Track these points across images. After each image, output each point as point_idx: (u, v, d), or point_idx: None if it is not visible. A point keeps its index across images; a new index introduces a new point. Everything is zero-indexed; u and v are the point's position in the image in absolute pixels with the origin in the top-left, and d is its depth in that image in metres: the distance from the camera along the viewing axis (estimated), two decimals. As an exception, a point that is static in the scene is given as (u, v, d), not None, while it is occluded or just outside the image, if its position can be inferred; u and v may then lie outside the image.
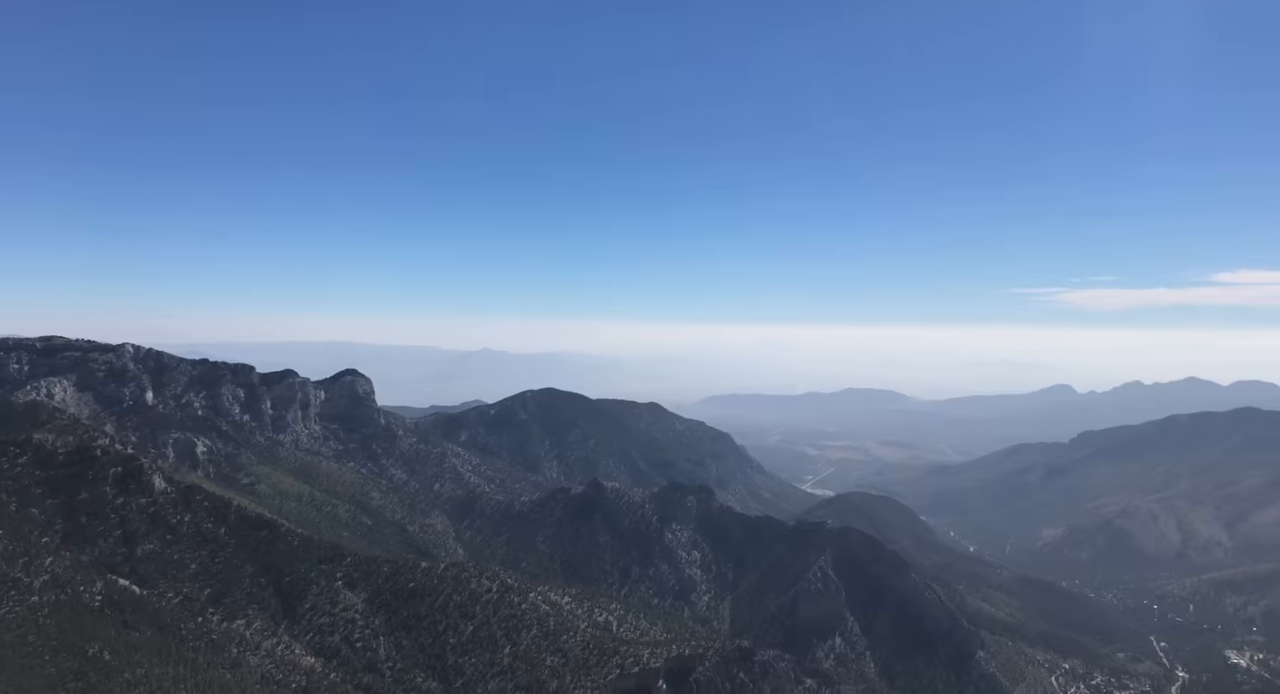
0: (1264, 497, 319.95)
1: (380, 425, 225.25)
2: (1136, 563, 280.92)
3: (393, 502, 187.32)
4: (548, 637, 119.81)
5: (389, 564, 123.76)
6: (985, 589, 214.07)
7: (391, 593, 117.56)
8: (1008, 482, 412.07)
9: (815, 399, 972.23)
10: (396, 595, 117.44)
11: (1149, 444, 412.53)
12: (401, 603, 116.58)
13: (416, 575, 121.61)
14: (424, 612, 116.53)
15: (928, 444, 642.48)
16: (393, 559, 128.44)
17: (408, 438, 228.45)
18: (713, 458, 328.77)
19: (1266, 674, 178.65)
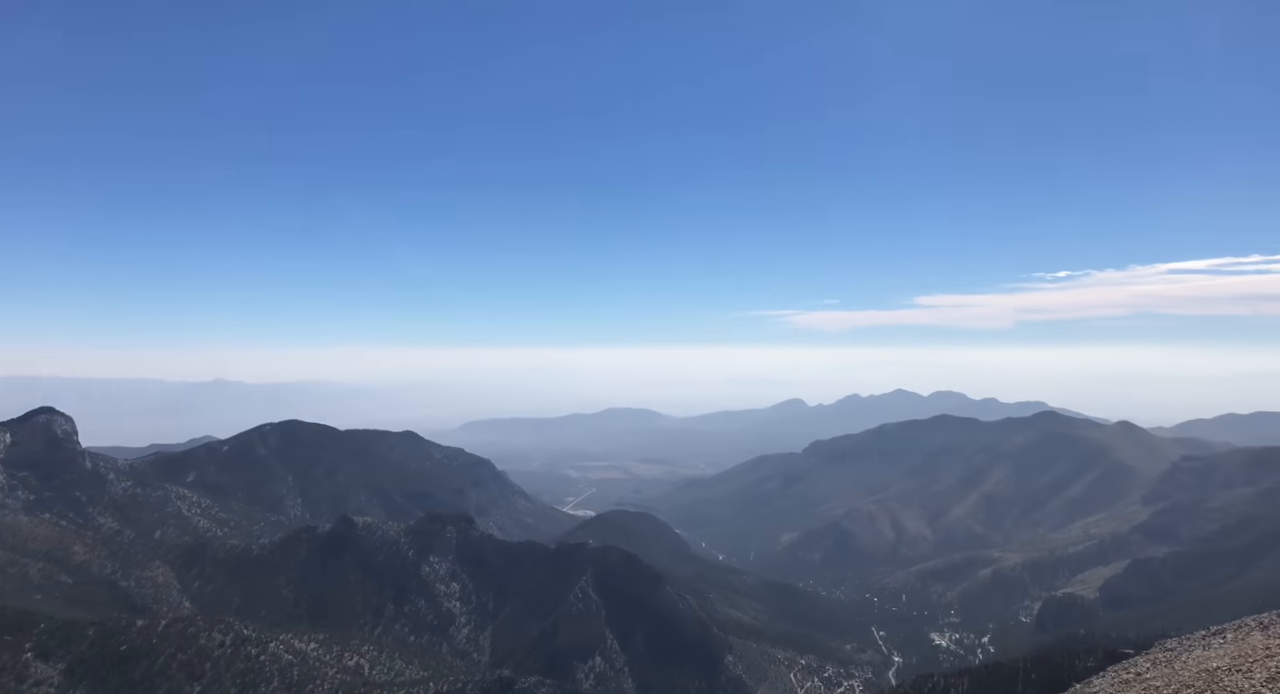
0: (957, 494, 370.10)
1: (85, 469, 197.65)
2: (860, 560, 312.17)
3: (101, 555, 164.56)
4: (290, 688, 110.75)
5: (94, 627, 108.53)
6: (733, 595, 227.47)
7: (98, 659, 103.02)
8: (751, 491, 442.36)
9: (577, 420, 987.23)
10: (104, 661, 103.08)
11: (867, 451, 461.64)
12: (111, 669, 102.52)
13: (130, 636, 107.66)
14: (139, 677, 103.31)
15: (682, 459, 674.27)
16: (100, 621, 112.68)
17: (121, 482, 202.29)
18: (473, 485, 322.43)
19: (961, 651, 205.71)
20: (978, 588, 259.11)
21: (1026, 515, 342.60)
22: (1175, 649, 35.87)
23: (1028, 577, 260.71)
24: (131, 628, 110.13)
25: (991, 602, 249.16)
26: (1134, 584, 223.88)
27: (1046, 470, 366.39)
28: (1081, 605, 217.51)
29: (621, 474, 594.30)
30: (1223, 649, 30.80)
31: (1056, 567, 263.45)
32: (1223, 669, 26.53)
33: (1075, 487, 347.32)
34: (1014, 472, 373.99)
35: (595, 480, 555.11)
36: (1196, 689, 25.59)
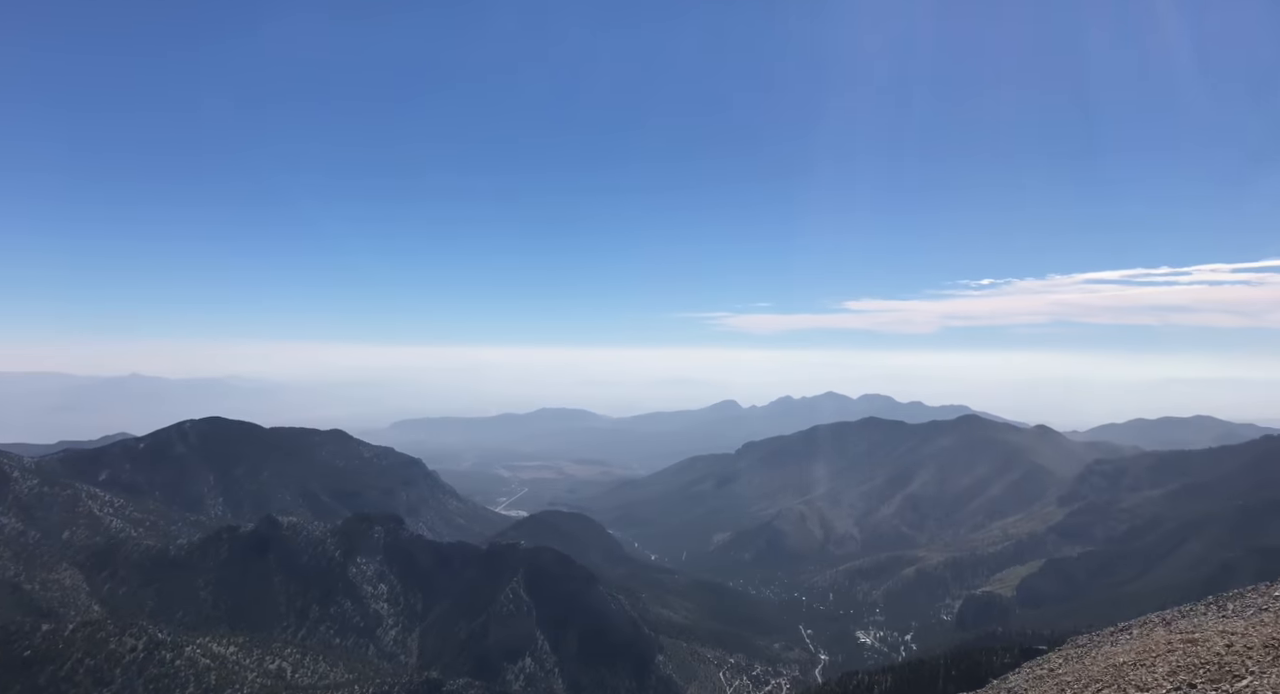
0: (885, 494, 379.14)
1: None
2: (789, 559, 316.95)
3: (3, 557, 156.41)
4: (207, 693, 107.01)
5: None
6: (665, 595, 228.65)
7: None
8: (684, 492, 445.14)
9: (509, 420, 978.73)
10: (6, 668, 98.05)
11: (798, 452, 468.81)
12: (13, 676, 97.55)
13: (34, 641, 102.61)
14: (44, 683, 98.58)
15: (616, 460, 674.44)
16: (1, 626, 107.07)
17: (26, 480, 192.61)
18: (403, 485, 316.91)
19: (885, 648, 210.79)
20: (902, 587, 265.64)
21: (949, 516, 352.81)
22: (1086, 645, 37.36)
23: (949, 575, 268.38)
24: (36, 633, 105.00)
25: (915, 600, 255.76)
26: (1049, 583, 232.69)
27: (968, 472, 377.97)
28: (1000, 603, 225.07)
29: (555, 474, 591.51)
30: (1129, 644, 32.18)
31: (977, 566, 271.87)
32: (1128, 664, 27.72)
33: (995, 488, 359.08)
34: (938, 473, 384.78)
35: (528, 480, 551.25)
36: (1104, 683, 26.69)
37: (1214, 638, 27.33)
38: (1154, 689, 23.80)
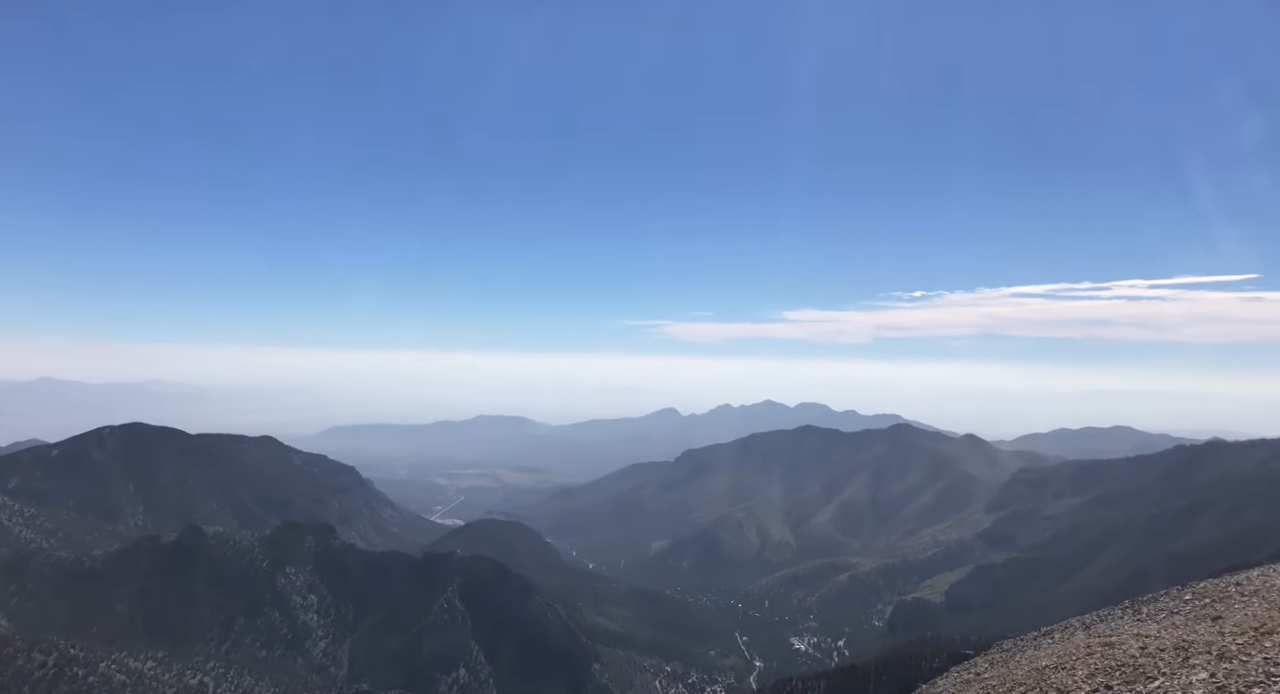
0: (820, 502, 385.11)
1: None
2: (727, 567, 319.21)
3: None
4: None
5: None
6: (602, 604, 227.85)
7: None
8: (624, 500, 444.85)
9: (446, 427, 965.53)
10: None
11: (736, 459, 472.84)
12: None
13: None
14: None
15: (555, 468, 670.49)
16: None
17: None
18: (335, 493, 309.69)
19: (819, 655, 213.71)
20: (836, 593, 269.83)
21: (882, 523, 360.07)
22: (1010, 650, 38.42)
23: (881, 582, 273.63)
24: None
25: (848, 606, 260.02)
26: (976, 588, 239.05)
27: (901, 480, 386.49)
28: (929, 609, 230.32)
29: (492, 482, 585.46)
30: (1051, 649, 33.18)
31: (908, 572, 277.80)
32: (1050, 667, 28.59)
33: (926, 495, 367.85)
34: (871, 481, 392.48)
35: (465, 488, 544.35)
36: (1027, 687, 27.48)
37: (1129, 641, 28.42)
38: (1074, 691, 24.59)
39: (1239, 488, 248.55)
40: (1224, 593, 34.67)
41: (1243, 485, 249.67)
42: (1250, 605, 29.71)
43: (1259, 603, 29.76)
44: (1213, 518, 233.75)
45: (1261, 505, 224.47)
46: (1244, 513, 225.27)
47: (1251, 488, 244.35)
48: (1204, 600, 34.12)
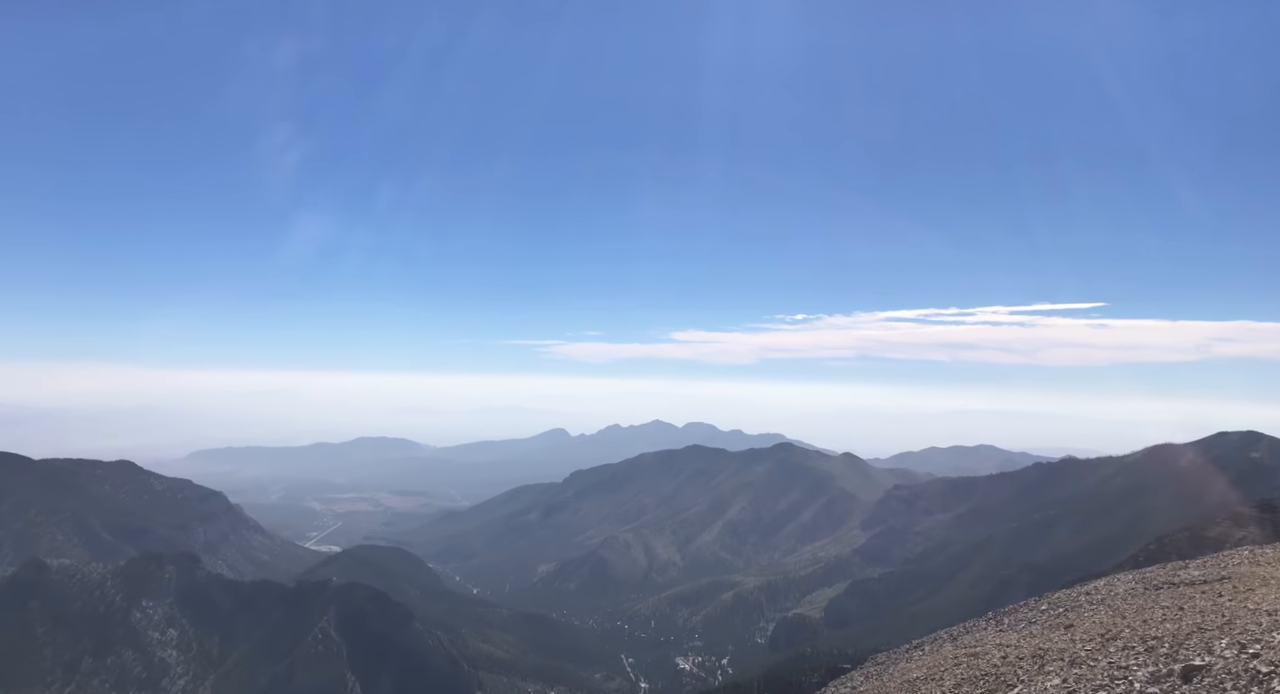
0: (706, 520, 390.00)
1: None
2: (614, 588, 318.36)
3: None
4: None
5: None
6: (486, 629, 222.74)
7: None
8: (509, 522, 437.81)
9: (323, 450, 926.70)
10: None
11: (625, 480, 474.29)
12: None
13: None
14: None
15: (439, 491, 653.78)
16: None
17: None
18: (200, 521, 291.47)
19: (703, 673, 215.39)
20: (720, 611, 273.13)
21: (765, 540, 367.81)
22: (884, 662, 39.78)
23: (764, 599, 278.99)
24: None
25: (732, 624, 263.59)
26: (853, 603, 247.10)
27: (783, 498, 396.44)
28: (809, 625, 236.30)
29: (372, 506, 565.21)
30: (921, 660, 34.54)
31: (789, 588, 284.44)
32: (921, 678, 29.74)
33: (806, 513, 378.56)
34: (755, 500, 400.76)
35: (342, 513, 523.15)
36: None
37: (992, 650, 29.92)
38: (942, 701, 25.70)
39: (1089, 502, 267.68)
40: (1075, 602, 37.05)
41: (1092, 500, 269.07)
42: (1098, 613, 31.84)
43: (1105, 611, 31.94)
44: (1066, 531, 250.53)
45: (1108, 518, 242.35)
46: (1093, 526, 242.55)
47: (1099, 502, 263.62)
48: (1058, 610, 36.35)
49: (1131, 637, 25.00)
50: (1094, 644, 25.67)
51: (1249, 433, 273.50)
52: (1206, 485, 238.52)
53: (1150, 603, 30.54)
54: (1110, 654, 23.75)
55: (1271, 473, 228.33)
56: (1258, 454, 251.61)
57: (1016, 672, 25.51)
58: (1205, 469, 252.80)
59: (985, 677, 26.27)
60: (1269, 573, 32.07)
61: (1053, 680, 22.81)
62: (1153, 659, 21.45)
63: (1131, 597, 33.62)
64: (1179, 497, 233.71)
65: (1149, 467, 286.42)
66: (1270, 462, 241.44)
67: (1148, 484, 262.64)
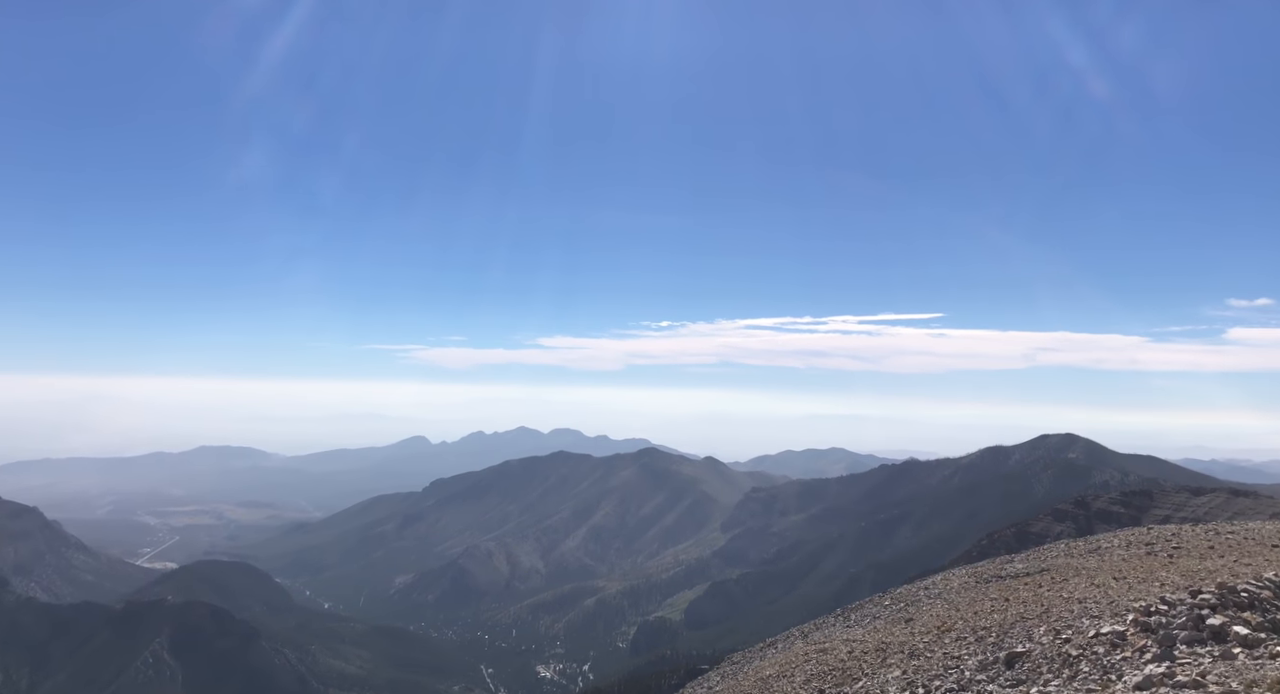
0: (570, 527, 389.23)
1: None
2: (475, 598, 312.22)
3: None
4: None
5: None
6: (338, 645, 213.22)
7: None
8: (365, 533, 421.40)
9: (160, 460, 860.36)
10: None
11: (488, 488, 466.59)
12: None
13: None
14: None
15: (288, 502, 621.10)
16: None
17: None
18: (10, 539, 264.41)
19: (564, 681, 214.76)
20: (582, 617, 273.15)
21: (629, 545, 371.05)
22: (740, 661, 40.83)
23: (627, 603, 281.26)
24: None
25: (594, 630, 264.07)
26: (712, 604, 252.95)
27: (647, 502, 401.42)
28: (670, 627, 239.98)
29: (214, 520, 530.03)
30: (774, 658, 35.66)
31: (651, 592, 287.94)
32: (773, 676, 30.69)
33: (669, 517, 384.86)
34: (619, 505, 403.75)
35: (180, 528, 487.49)
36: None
37: (839, 646, 31.25)
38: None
39: (929, 502, 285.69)
40: (915, 597, 39.30)
41: (931, 500, 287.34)
42: (935, 607, 33.89)
43: (941, 604, 34.02)
44: (909, 529, 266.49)
45: (946, 516, 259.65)
46: (932, 524, 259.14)
47: (938, 501, 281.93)
48: (900, 604, 38.45)
49: (964, 628, 26.72)
50: (931, 636, 27.27)
51: (1067, 435, 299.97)
52: (1031, 484, 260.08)
53: (981, 596, 32.77)
54: (945, 645, 25.29)
55: (1085, 472, 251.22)
56: (1074, 455, 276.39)
57: (861, 665, 26.76)
58: (1030, 469, 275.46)
59: (833, 671, 27.43)
60: (1081, 564, 35.12)
61: (894, 672, 24.05)
62: (982, 648, 22.98)
63: (965, 590, 35.98)
64: (1007, 495, 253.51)
65: (981, 467, 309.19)
66: (1084, 462, 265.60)
67: (980, 484, 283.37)
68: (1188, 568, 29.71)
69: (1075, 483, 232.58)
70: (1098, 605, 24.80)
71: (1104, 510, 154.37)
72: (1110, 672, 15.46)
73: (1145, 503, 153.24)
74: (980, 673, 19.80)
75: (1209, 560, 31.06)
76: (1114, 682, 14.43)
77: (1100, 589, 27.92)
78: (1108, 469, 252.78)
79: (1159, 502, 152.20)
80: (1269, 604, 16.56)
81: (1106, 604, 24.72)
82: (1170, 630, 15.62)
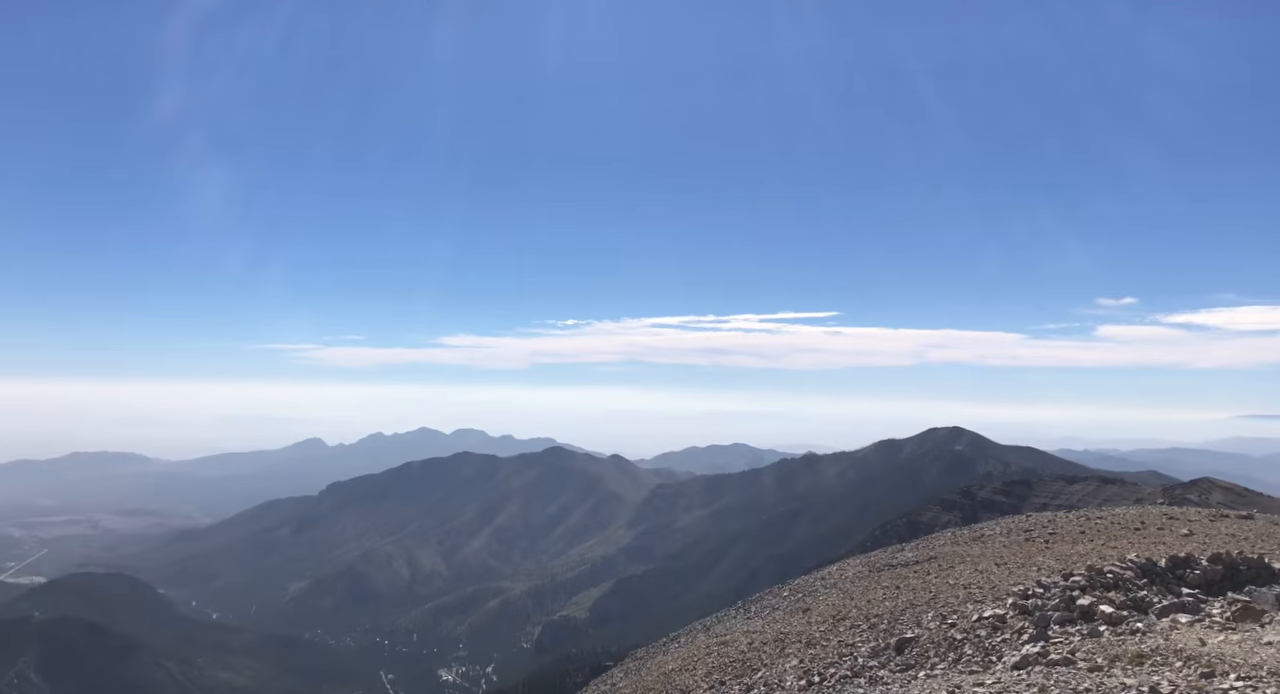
0: (474, 528, 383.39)
1: None
2: (374, 603, 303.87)
3: None
4: None
5: None
6: (227, 656, 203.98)
7: None
8: (257, 540, 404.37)
9: (26, 468, 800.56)
10: None
11: (388, 490, 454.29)
12: None
13: None
14: None
15: (173, 509, 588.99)
16: None
17: None
18: None
19: (467, 684, 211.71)
20: (486, 619, 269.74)
21: (534, 545, 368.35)
22: (643, 657, 41.07)
23: (531, 603, 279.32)
24: None
25: (498, 631, 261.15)
26: (618, 601, 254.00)
27: (552, 501, 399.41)
28: (575, 626, 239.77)
29: (89, 530, 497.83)
30: (677, 652, 36.02)
31: (556, 591, 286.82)
32: (675, 670, 30.98)
33: (575, 515, 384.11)
34: (524, 505, 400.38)
35: (50, 539, 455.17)
36: (656, 691, 29.49)
37: (740, 638, 31.83)
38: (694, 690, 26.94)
39: (826, 495, 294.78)
40: (812, 587, 40.42)
41: (829, 493, 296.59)
42: (830, 596, 34.92)
43: (837, 593, 35.09)
44: (807, 521, 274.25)
45: (842, 509, 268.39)
46: (830, 516, 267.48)
47: (835, 494, 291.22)
48: (797, 595, 39.46)
49: (858, 616, 27.63)
50: (827, 625, 28.07)
51: (954, 429, 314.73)
52: (921, 476, 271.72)
53: (874, 584, 33.95)
54: (840, 633, 26.08)
55: (970, 463, 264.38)
56: (960, 447, 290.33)
57: (761, 656, 27.33)
58: (920, 461, 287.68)
59: (734, 663, 27.90)
60: (965, 551, 36.85)
61: (791, 661, 24.63)
62: (874, 635, 23.80)
63: (859, 579, 37.21)
64: (899, 486, 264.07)
65: (875, 460, 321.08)
66: (970, 453, 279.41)
67: (874, 476, 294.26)
68: (1062, 552, 31.59)
69: (962, 474, 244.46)
70: (980, 590, 26.09)
71: (988, 500, 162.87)
72: (991, 653, 16.25)
73: (1025, 492, 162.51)
74: (873, 659, 20.47)
75: (1080, 545, 33.10)
76: (995, 663, 15.16)
77: (983, 575, 29.38)
78: (991, 460, 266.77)
79: (1037, 490, 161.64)
80: (1131, 584, 17.76)
81: (989, 589, 26.03)
82: (1045, 612, 16.55)
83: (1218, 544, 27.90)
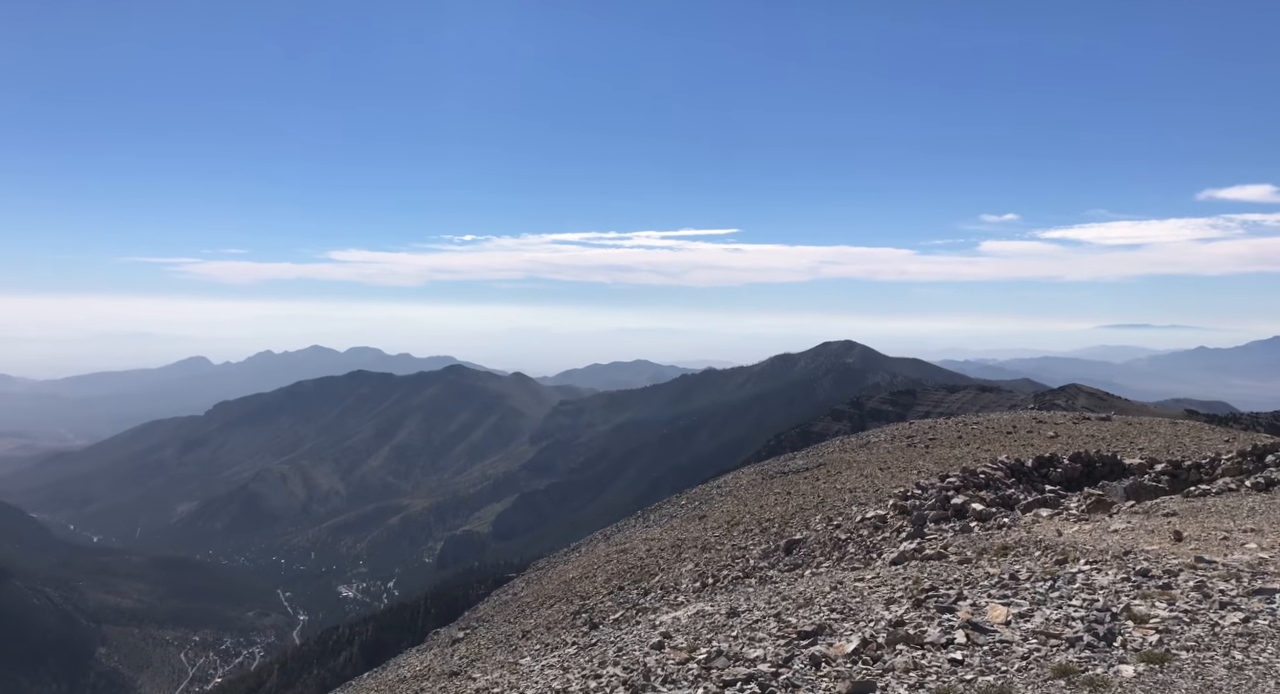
0: (371, 447, 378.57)
1: None
2: (269, 523, 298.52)
3: None
4: None
5: None
6: (111, 580, 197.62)
7: None
8: (139, 461, 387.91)
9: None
10: None
11: (279, 410, 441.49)
12: None
13: None
14: None
15: (42, 430, 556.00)
16: None
17: None
18: None
19: (369, 599, 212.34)
20: (387, 536, 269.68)
21: (435, 463, 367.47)
22: (544, 567, 41.98)
23: (433, 519, 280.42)
24: None
25: (399, 547, 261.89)
26: (520, 515, 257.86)
27: (454, 419, 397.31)
28: (477, 540, 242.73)
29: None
30: (578, 561, 36.93)
31: (459, 507, 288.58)
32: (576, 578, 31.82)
33: (477, 433, 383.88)
34: (424, 423, 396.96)
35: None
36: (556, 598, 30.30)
37: (639, 545, 32.84)
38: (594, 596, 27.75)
39: (724, 408, 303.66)
40: (708, 495, 41.85)
41: (727, 406, 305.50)
42: (726, 504, 36.25)
43: (732, 501, 36.45)
44: (706, 434, 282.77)
45: (740, 421, 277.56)
46: (728, 429, 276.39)
47: (732, 407, 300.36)
48: (695, 504, 40.82)
49: (750, 521, 28.82)
50: (721, 530, 29.20)
51: (846, 342, 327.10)
52: (814, 388, 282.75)
53: (766, 491, 35.38)
54: (734, 537, 27.19)
55: (860, 375, 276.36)
56: (851, 360, 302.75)
57: (658, 561, 28.29)
58: (814, 374, 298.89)
59: (632, 569, 28.82)
60: (852, 458, 38.71)
61: (687, 565, 25.58)
62: (765, 538, 24.91)
63: (752, 487, 38.69)
64: (794, 399, 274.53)
65: (771, 374, 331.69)
66: (860, 366, 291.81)
67: (771, 390, 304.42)
68: (940, 456, 33.56)
69: (852, 385, 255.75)
70: (865, 494, 27.54)
71: (875, 409, 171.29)
72: (872, 551, 17.23)
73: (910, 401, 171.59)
74: (763, 560, 21.42)
75: (958, 449, 35.23)
76: (875, 559, 16.09)
77: (868, 479, 30.97)
78: (880, 372, 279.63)
79: (921, 399, 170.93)
80: (1000, 483, 19.05)
81: (872, 492, 27.50)
82: (922, 511, 17.60)
83: (1079, 444, 30.21)
